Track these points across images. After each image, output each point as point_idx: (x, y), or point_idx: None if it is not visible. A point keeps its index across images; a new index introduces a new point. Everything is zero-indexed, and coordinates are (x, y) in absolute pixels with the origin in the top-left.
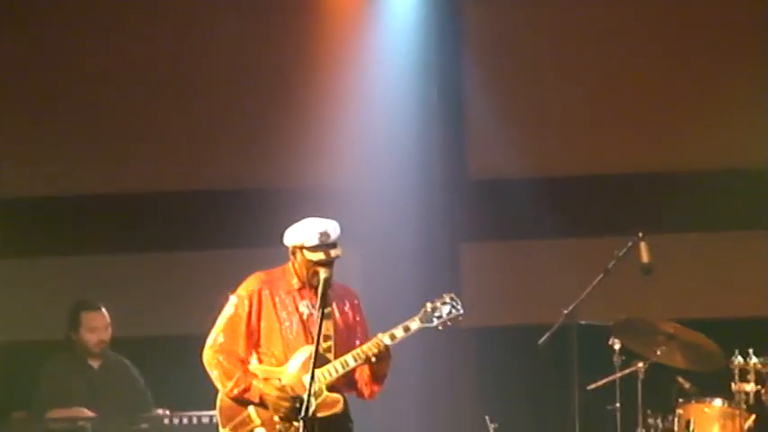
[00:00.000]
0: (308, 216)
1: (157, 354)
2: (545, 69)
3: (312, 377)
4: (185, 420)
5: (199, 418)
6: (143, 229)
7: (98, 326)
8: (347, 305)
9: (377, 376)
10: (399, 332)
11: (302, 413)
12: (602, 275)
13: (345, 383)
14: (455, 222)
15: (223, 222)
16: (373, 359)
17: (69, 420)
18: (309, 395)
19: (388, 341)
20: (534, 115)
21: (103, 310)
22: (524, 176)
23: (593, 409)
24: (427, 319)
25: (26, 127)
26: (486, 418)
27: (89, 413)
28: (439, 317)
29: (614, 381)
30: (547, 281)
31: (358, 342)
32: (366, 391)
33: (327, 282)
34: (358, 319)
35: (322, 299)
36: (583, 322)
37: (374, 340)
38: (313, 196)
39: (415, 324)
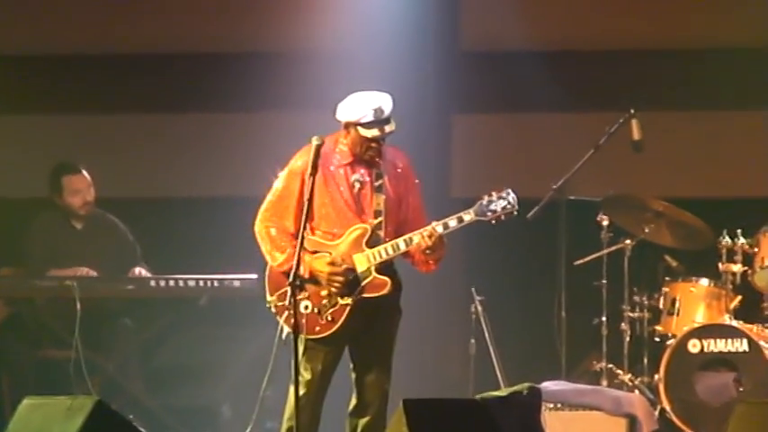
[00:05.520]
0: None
1: (144, 216)
2: None
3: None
4: (171, 283)
5: (185, 281)
6: (131, 90)
7: (80, 187)
8: (398, 169)
9: (434, 259)
10: (453, 222)
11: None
12: (592, 151)
13: (402, 255)
14: (447, 93)
15: (211, 85)
16: (428, 251)
17: (55, 279)
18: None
19: (440, 230)
20: None
21: (84, 171)
22: (518, 48)
23: (579, 284)
24: (481, 212)
25: None
26: (473, 290)
27: (90, 272)
28: (493, 211)
29: (601, 257)
30: (538, 155)
31: (409, 214)
32: (423, 268)
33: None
34: (408, 185)
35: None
36: (572, 197)
37: (428, 229)
38: (304, 61)
39: (468, 216)
